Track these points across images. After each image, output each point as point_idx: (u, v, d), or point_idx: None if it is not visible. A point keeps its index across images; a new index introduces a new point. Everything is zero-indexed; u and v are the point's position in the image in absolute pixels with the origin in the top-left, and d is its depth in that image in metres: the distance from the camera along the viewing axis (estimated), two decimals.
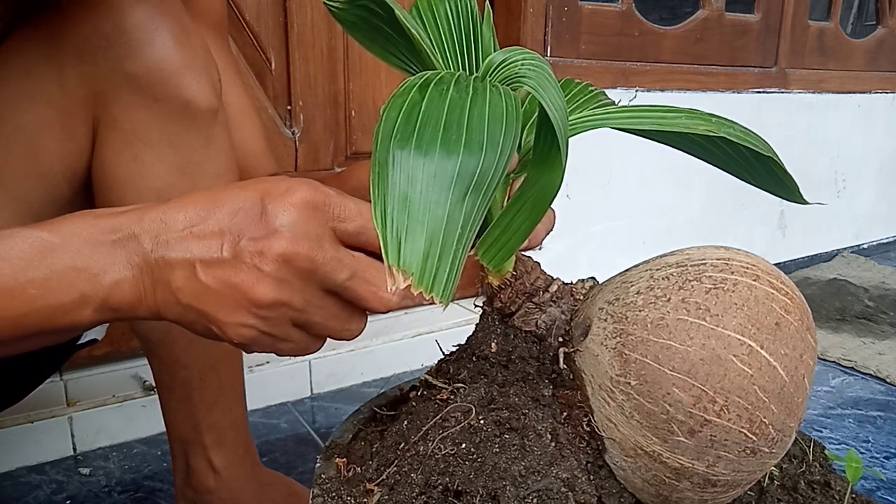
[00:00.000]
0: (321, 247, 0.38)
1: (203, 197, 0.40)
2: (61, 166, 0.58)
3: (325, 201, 0.39)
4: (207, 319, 0.39)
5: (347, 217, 0.39)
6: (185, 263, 0.38)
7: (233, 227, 0.38)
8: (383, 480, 0.45)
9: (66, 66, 0.55)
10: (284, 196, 0.38)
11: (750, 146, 0.41)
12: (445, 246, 0.29)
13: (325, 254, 0.38)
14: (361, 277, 0.39)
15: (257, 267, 0.37)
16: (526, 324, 0.48)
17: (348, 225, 0.39)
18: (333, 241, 0.39)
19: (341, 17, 0.42)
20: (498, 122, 0.31)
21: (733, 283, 0.41)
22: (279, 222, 0.38)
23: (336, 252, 0.39)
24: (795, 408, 0.41)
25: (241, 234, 0.38)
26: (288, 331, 0.40)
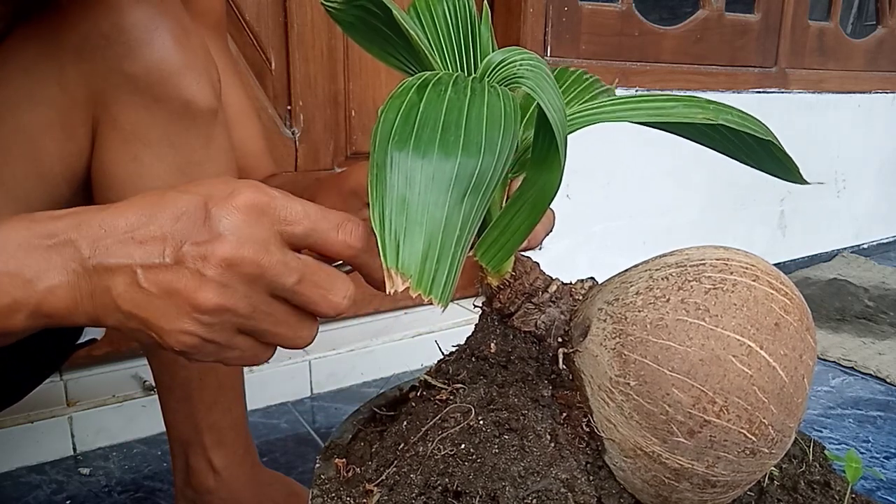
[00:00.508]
0: (267, 250, 0.37)
1: (145, 201, 0.39)
2: (61, 166, 0.58)
3: (270, 203, 0.38)
4: (148, 327, 0.38)
5: (294, 220, 0.38)
6: (125, 269, 0.37)
7: (175, 231, 0.37)
8: (383, 481, 0.45)
9: (65, 65, 0.55)
10: (228, 199, 0.37)
11: (750, 131, 0.41)
12: (444, 248, 0.29)
13: (271, 258, 0.37)
14: (310, 281, 0.38)
15: (200, 272, 0.36)
16: (525, 324, 0.48)
17: (295, 228, 0.38)
18: (280, 245, 0.38)
19: (339, 18, 0.42)
20: (496, 123, 0.31)
21: (732, 283, 0.41)
22: (223, 226, 0.37)
23: (283, 256, 0.38)
24: (795, 408, 0.41)
25: (183, 238, 0.37)
26: (233, 338, 0.39)
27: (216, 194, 0.38)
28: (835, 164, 2.08)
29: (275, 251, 0.37)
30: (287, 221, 0.38)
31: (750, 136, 0.42)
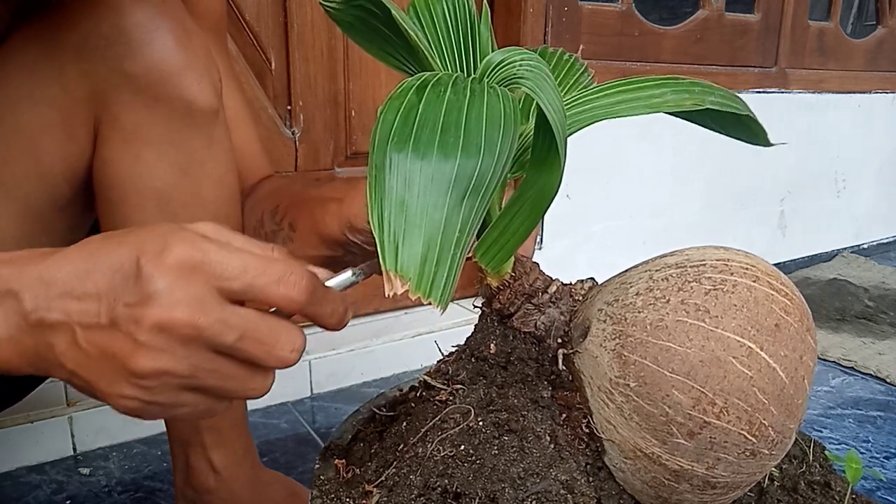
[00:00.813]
0: (203, 310, 0.35)
1: (84, 251, 0.37)
2: (62, 166, 0.58)
3: (203, 260, 0.36)
4: (91, 388, 0.37)
5: (231, 276, 0.36)
6: (64, 327, 0.36)
7: (109, 290, 0.35)
8: (382, 482, 0.45)
9: (66, 66, 0.55)
10: (160, 256, 0.36)
11: (733, 110, 0.42)
12: (443, 250, 0.29)
13: (208, 317, 0.35)
14: (252, 337, 0.36)
15: (133, 336, 0.35)
16: (525, 325, 0.48)
17: (233, 284, 0.36)
18: (218, 302, 0.36)
19: (338, 18, 0.42)
20: (496, 124, 0.31)
21: (733, 284, 0.41)
22: (154, 287, 0.35)
23: (221, 313, 0.36)
24: (795, 409, 0.41)
25: (116, 298, 0.35)
26: (178, 397, 0.37)
27: (148, 249, 0.36)
28: (835, 164, 2.08)
29: (212, 309, 0.35)
30: (224, 278, 0.36)
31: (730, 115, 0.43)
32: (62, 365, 0.36)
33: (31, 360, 0.37)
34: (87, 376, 0.36)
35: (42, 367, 0.37)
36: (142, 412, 0.37)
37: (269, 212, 0.65)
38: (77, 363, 0.36)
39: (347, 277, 0.42)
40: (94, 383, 0.36)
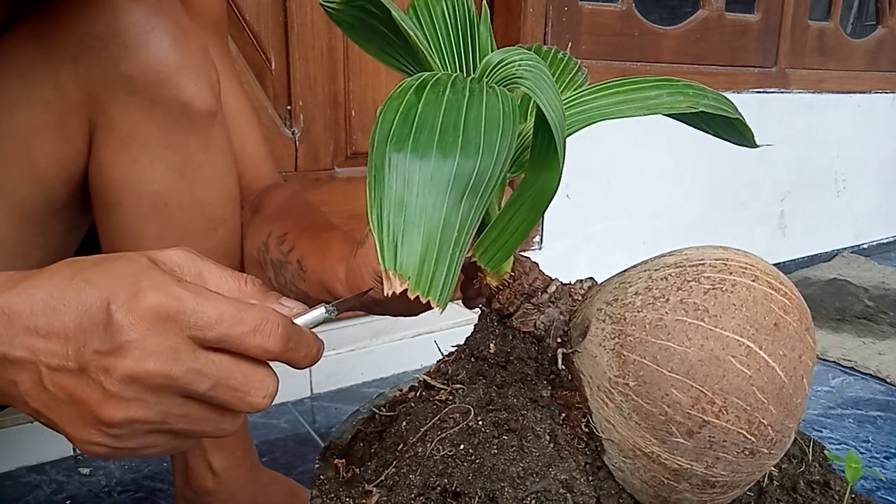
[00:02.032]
0: (176, 359, 0.34)
1: (50, 286, 0.35)
2: (57, 169, 0.58)
3: (178, 309, 0.35)
4: (57, 429, 0.36)
5: (206, 325, 0.35)
6: (29, 365, 0.34)
7: (77, 332, 0.34)
8: (382, 481, 0.45)
9: (61, 67, 0.55)
10: (132, 303, 0.34)
11: (724, 113, 0.42)
12: (442, 249, 0.29)
13: (180, 367, 0.34)
14: (225, 385, 0.36)
15: (102, 385, 0.34)
16: (524, 325, 0.48)
17: (207, 333, 0.35)
18: (191, 350, 0.35)
19: (338, 18, 0.42)
20: (495, 124, 0.31)
21: (732, 283, 0.41)
22: (125, 337, 0.34)
23: (194, 362, 0.35)
24: (794, 408, 0.41)
25: (85, 343, 0.34)
26: (146, 440, 0.36)
27: (119, 294, 0.34)
28: (835, 164, 2.08)
29: (185, 359, 0.35)
30: (198, 327, 0.35)
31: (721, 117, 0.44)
32: (26, 403, 0.35)
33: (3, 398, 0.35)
34: (52, 417, 0.35)
35: (8, 400, 0.36)
36: (110, 456, 0.37)
37: (277, 238, 0.63)
38: (42, 404, 0.35)
39: (321, 314, 0.41)
40: (60, 426, 0.35)
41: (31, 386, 0.35)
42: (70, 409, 0.35)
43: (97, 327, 0.34)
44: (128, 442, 0.36)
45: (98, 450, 0.36)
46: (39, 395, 0.35)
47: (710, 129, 0.47)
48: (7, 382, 0.35)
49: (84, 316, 0.34)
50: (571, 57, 0.53)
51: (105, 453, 0.36)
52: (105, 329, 0.34)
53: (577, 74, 0.52)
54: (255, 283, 0.40)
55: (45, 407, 0.35)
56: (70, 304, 0.34)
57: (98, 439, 0.35)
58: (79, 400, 0.34)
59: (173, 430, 0.36)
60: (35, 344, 0.34)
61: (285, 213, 0.68)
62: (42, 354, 0.34)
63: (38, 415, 0.36)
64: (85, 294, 0.34)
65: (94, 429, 0.35)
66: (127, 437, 0.35)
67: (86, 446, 0.36)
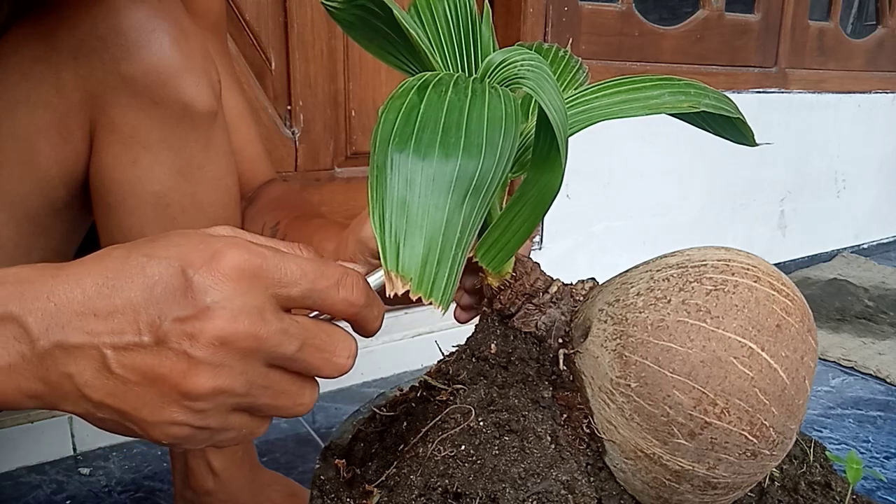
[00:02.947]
0: (263, 320, 0.32)
1: (103, 266, 0.33)
2: (58, 169, 0.58)
3: (262, 265, 0.33)
4: (127, 419, 0.33)
5: (290, 281, 0.34)
6: (90, 352, 0.31)
7: (150, 304, 0.31)
8: (382, 482, 0.45)
9: (62, 68, 0.55)
10: (212, 264, 0.32)
11: (725, 112, 0.42)
12: (444, 250, 0.29)
13: (268, 327, 0.33)
14: (312, 346, 0.34)
15: (187, 353, 0.31)
16: (526, 325, 0.48)
17: (292, 290, 0.34)
18: (276, 310, 0.33)
19: (339, 18, 0.41)
20: (497, 124, 0.31)
21: (734, 284, 0.41)
22: (211, 298, 0.32)
23: (280, 322, 0.33)
24: (796, 410, 0.41)
25: (162, 314, 0.31)
26: (227, 420, 0.34)
27: (195, 259, 0.32)
28: (835, 164, 2.08)
29: (271, 318, 0.33)
30: (282, 283, 0.33)
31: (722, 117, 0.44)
32: (84, 397, 0.32)
33: (36, 393, 0.32)
34: (122, 406, 0.32)
35: (51, 400, 0.33)
36: (188, 440, 0.34)
37: (270, 228, 0.64)
38: (108, 392, 0.32)
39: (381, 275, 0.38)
40: (131, 413, 0.32)
41: (94, 374, 0.32)
42: (145, 391, 0.32)
43: (173, 295, 0.32)
44: (210, 419, 0.33)
45: (179, 431, 0.33)
46: (104, 384, 0.32)
47: (711, 128, 0.47)
48: (59, 377, 0.32)
49: (153, 288, 0.32)
50: (572, 55, 0.53)
51: (185, 436, 0.33)
52: (184, 295, 0.32)
53: (578, 72, 0.52)
54: (308, 248, 0.38)
55: (112, 395, 0.32)
56: (134, 280, 0.32)
57: (180, 417, 0.32)
58: (157, 376, 0.32)
59: (255, 405, 0.34)
60: (95, 326, 0.31)
61: (278, 205, 0.68)
62: (105, 336, 0.31)
63: (100, 408, 0.32)
64: (150, 267, 0.32)
65: (177, 406, 0.32)
66: (210, 414, 0.33)
67: (165, 429, 0.33)
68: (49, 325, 0.31)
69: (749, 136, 0.47)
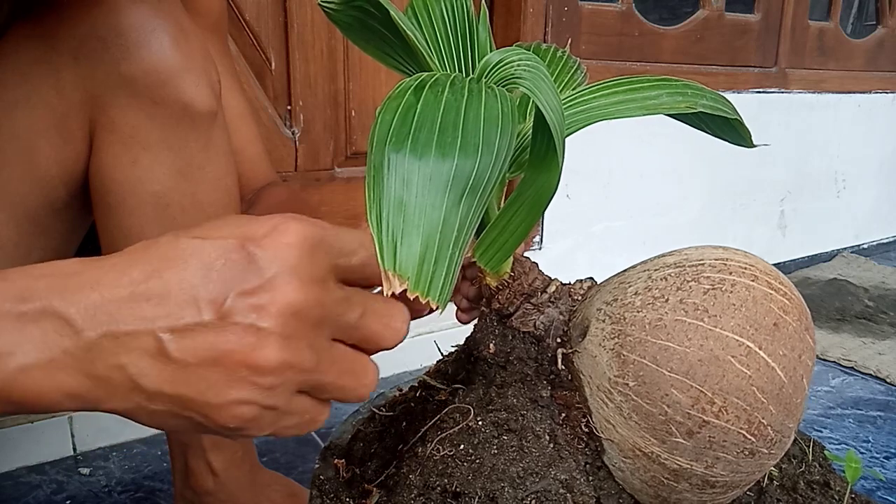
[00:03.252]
0: (328, 288, 0.32)
1: (149, 255, 0.31)
2: (57, 170, 0.58)
3: (323, 236, 0.33)
4: (187, 406, 0.31)
5: (350, 251, 0.34)
6: (144, 338, 0.30)
7: (209, 282, 0.30)
8: (382, 481, 0.45)
9: (62, 68, 0.55)
10: (273, 236, 0.32)
11: (722, 114, 0.42)
12: (441, 250, 0.29)
13: (333, 295, 0.32)
14: (372, 312, 0.34)
15: (256, 325, 0.30)
16: (524, 325, 0.48)
17: (352, 259, 0.34)
18: (336, 280, 0.33)
19: (337, 19, 0.42)
20: (493, 123, 0.31)
21: (731, 283, 0.41)
22: (276, 269, 0.31)
23: (343, 291, 0.33)
24: (794, 408, 0.41)
25: (224, 289, 0.30)
26: (293, 401, 0.33)
27: (255, 233, 0.32)
28: (835, 164, 2.08)
29: (334, 287, 0.33)
30: (342, 253, 0.33)
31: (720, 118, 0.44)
32: (138, 388, 0.30)
33: (77, 391, 0.30)
34: (182, 392, 0.30)
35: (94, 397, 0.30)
36: (255, 422, 0.32)
37: None
38: (166, 380, 0.30)
39: None
40: (194, 398, 0.31)
41: (149, 363, 0.30)
42: (209, 372, 0.30)
43: (235, 270, 0.31)
44: (278, 398, 0.32)
45: (246, 411, 0.31)
46: (161, 371, 0.30)
47: (709, 129, 0.47)
48: (108, 369, 0.30)
49: (212, 266, 0.31)
50: (570, 55, 0.53)
51: (252, 417, 0.32)
52: (247, 268, 0.31)
53: (576, 72, 0.52)
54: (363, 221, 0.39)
55: (171, 382, 0.30)
56: (188, 262, 0.31)
57: (248, 396, 0.31)
58: (223, 354, 0.30)
59: (321, 383, 0.33)
60: (148, 312, 0.30)
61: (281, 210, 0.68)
62: (161, 320, 0.30)
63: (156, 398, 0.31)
64: (205, 247, 0.31)
65: (245, 383, 0.31)
66: (278, 392, 0.32)
67: (232, 410, 0.31)
68: (95, 315, 0.30)
69: (746, 137, 0.47)
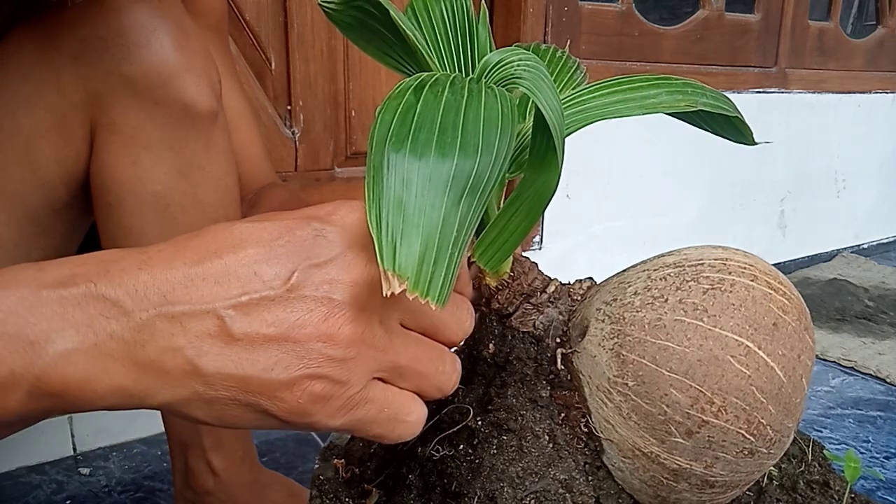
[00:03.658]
0: None
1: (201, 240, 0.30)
2: (58, 170, 0.58)
3: None
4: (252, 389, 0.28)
5: None
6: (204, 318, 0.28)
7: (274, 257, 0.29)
8: (381, 481, 0.45)
9: (63, 68, 0.55)
10: (337, 216, 0.31)
11: (722, 111, 0.42)
12: (441, 250, 0.29)
13: None
14: None
15: (328, 297, 0.29)
16: (523, 325, 0.48)
17: None
18: None
19: (336, 19, 0.42)
20: (493, 123, 0.31)
21: (731, 283, 0.41)
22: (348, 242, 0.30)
23: None
24: (793, 408, 0.41)
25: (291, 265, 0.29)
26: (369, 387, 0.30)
27: (317, 214, 0.31)
28: (835, 164, 2.08)
29: None
30: None
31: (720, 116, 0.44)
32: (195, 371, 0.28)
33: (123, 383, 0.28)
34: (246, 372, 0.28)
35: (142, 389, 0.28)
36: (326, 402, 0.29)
37: None
38: (228, 360, 0.28)
39: None
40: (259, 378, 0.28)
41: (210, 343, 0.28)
42: (276, 349, 0.28)
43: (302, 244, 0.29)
44: (352, 374, 0.29)
45: (318, 388, 0.29)
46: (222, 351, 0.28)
47: (709, 127, 0.47)
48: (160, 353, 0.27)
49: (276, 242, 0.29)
50: (570, 55, 0.53)
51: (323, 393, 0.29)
52: (315, 242, 0.29)
53: (575, 72, 0.52)
54: None
55: (234, 362, 0.28)
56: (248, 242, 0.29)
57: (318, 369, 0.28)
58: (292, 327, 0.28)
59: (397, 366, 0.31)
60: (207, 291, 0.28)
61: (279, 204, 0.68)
62: (222, 298, 0.28)
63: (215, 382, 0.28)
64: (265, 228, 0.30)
65: (316, 355, 0.28)
66: (352, 366, 0.29)
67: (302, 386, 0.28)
68: (147, 295, 0.27)
69: (748, 134, 0.47)
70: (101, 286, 0.27)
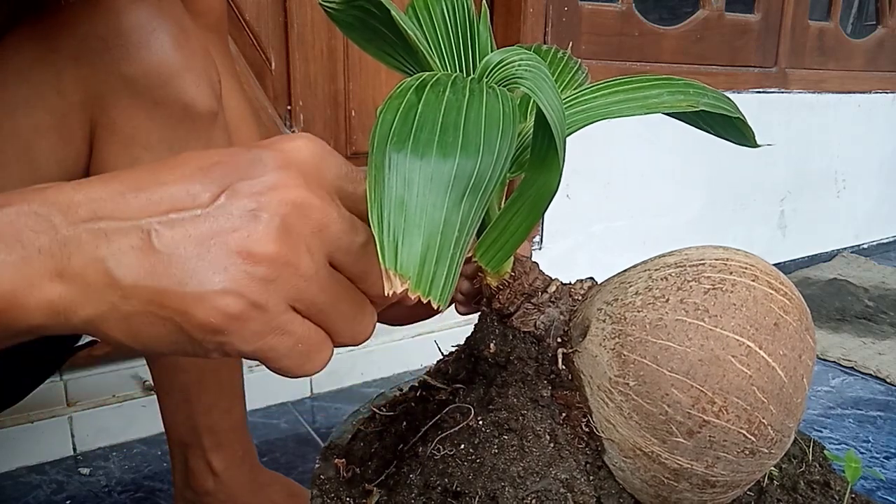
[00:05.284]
0: (333, 201, 0.30)
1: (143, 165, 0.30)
2: (58, 170, 0.58)
3: (331, 152, 0.31)
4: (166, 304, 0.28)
5: (356, 178, 0.32)
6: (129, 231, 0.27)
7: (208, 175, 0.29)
8: (382, 481, 0.45)
9: (62, 69, 0.55)
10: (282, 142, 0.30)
11: (724, 112, 0.42)
12: (442, 249, 0.29)
13: (339, 210, 0.30)
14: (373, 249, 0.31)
15: (255, 213, 0.28)
16: (524, 324, 0.48)
17: (358, 188, 0.32)
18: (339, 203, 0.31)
19: (338, 18, 0.42)
20: (495, 123, 0.31)
21: (732, 283, 0.41)
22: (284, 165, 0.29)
23: (348, 213, 0.31)
24: (794, 408, 0.41)
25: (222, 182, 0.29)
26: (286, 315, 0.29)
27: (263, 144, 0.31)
28: (835, 164, 2.08)
29: (340, 206, 0.31)
30: (349, 178, 0.32)
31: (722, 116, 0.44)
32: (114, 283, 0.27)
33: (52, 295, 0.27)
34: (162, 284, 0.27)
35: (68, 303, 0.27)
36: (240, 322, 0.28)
37: None
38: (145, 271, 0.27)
39: None
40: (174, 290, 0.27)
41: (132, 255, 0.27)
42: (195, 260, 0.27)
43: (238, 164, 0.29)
44: (269, 298, 0.28)
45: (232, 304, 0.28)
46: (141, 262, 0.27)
47: (711, 129, 0.47)
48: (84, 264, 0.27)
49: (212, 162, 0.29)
50: (571, 56, 0.53)
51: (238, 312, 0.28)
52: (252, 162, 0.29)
53: (577, 73, 0.52)
54: None
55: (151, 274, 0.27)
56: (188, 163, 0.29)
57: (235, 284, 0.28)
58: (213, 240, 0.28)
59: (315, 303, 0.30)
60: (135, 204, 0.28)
61: None
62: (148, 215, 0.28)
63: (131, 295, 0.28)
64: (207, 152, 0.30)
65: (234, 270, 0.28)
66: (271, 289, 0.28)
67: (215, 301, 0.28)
68: (78, 210, 0.27)
69: (749, 136, 0.47)
70: (35, 205, 0.27)
